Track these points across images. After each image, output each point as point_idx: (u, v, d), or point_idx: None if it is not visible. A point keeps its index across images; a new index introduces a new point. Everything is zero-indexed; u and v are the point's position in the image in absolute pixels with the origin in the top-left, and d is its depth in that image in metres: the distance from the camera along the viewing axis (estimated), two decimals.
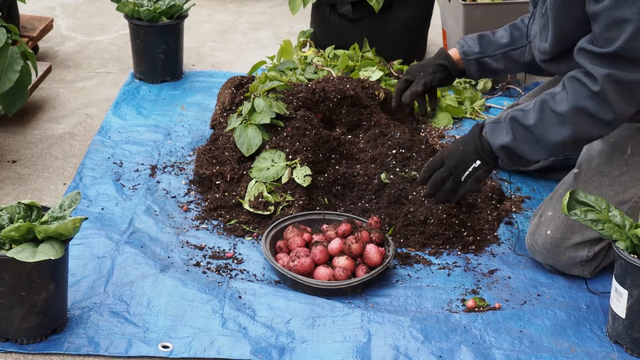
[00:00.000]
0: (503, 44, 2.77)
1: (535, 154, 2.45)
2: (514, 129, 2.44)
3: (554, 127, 2.39)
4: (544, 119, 2.40)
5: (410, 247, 2.67)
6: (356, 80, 3.16)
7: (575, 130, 2.37)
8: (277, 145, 2.84)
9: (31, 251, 2.07)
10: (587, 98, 2.33)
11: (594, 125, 2.36)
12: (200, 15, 4.60)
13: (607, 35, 2.27)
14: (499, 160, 2.50)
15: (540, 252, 2.55)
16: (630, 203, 2.50)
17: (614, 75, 2.28)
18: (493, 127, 2.49)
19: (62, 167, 3.09)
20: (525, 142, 2.43)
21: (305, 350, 2.23)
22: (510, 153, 2.46)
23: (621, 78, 2.28)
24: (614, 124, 2.37)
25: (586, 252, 2.50)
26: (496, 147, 2.47)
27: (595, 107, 2.33)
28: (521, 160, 2.48)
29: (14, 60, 2.96)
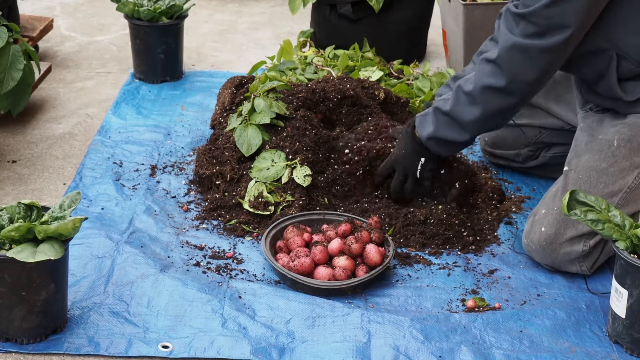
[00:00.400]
0: None
1: (458, 136, 2.58)
2: (436, 117, 2.60)
3: (466, 108, 2.54)
4: (458, 103, 2.55)
5: (410, 247, 2.68)
6: (356, 80, 3.15)
7: (484, 106, 2.51)
8: (277, 145, 2.84)
9: (31, 251, 2.07)
10: (488, 73, 2.49)
11: (496, 96, 2.49)
12: (200, 15, 4.60)
13: (526, 1, 2.41)
14: (433, 151, 2.64)
15: (536, 251, 2.56)
16: (621, 194, 2.51)
17: (514, 42, 2.42)
18: (421, 121, 2.65)
19: (62, 167, 3.09)
20: (446, 127, 2.58)
21: (305, 350, 2.23)
22: (437, 140, 2.61)
23: (518, 43, 2.41)
24: (513, 90, 2.46)
25: (582, 246, 2.51)
26: (424, 139, 2.63)
27: (493, 78, 2.47)
28: (450, 144, 2.61)
29: (17, 59, 2.96)
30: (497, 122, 2.60)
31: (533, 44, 2.40)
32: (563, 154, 2.91)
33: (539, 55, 2.41)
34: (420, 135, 2.64)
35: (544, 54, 2.41)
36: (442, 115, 2.59)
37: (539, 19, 2.38)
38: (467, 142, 2.61)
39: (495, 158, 3.12)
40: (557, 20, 2.37)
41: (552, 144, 3.00)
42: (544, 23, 2.38)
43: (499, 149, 3.08)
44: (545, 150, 3.03)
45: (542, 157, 3.03)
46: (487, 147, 3.11)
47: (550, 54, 2.42)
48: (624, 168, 2.53)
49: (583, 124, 2.68)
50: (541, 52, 2.41)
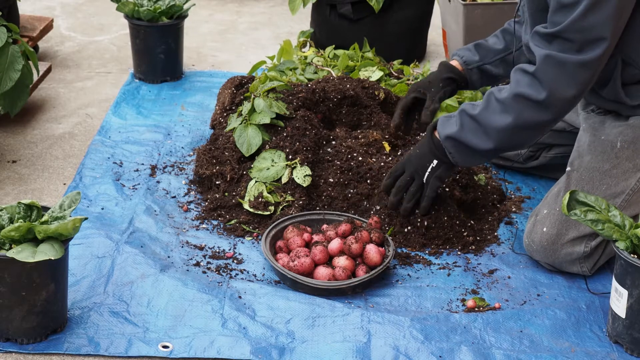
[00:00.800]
0: (499, 50, 2.80)
1: (480, 142, 2.48)
2: (462, 119, 2.51)
3: (497, 115, 2.45)
4: (488, 108, 2.47)
5: (410, 247, 2.68)
6: (356, 80, 3.16)
7: (516, 116, 2.42)
8: (277, 145, 2.84)
9: (31, 251, 2.07)
10: (526, 84, 2.41)
11: (531, 108, 2.41)
12: (200, 15, 4.61)
13: (555, 19, 2.36)
14: (448, 154, 2.54)
15: (537, 251, 2.56)
16: (624, 195, 2.51)
17: (551, 55, 2.36)
18: (444, 121, 2.56)
19: (62, 167, 3.09)
20: (470, 131, 2.49)
21: (305, 350, 2.23)
22: (457, 143, 2.52)
23: (558, 58, 2.35)
24: (550, 105, 2.39)
25: (583, 247, 2.51)
26: (443, 138, 2.53)
27: (530, 89, 2.39)
28: (469, 151, 2.51)
29: (15, 59, 2.96)
30: (523, 137, 2.49)
31: (570, 58, 2.33)
32: (563, 154, 2.91)
33: (576, 70, 2.34)
34: (440, 134, 2.54)
35: (582, 68, 2.34)
36: (468, 118, 2.49)
37: (573, 34, 2.31)
38: (486, 152, 2.49)
39: (496, 158, 3.11)
40: (592, 34, 2.31)
41: (553, 145, 3.00)
42: (579, 37, 2.31)
43: None
44: (545, 151, 3.03)
45: (543, 158, 3.03)
46: None
47: (589, 69, 2.35)
48: (627, 170, 2.53)
49: (585, 125, 2.68)
50: (579, 67, 2.33)
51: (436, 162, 2.58)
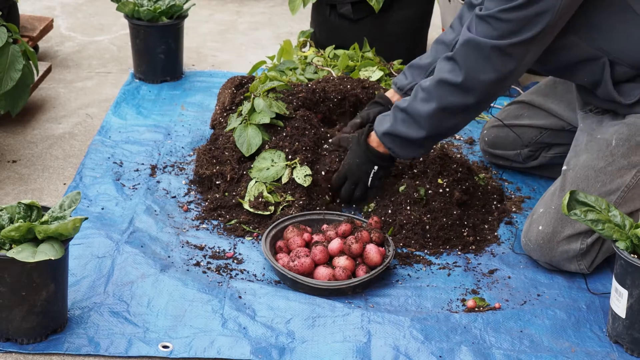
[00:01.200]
0: (428, 64, 2.88)
1: (413, 132, 2.58)
2: (395, 114, 2.62)
3: (422, 103, 2.55)
4: (416, 98, 2.57)
5: (410, 247, 2.68)
6: (356, 80, 3.16)
7: (439, 101, 2.52)
8: (277, 145, 2.84)
9: (31, 251, 2.07)
10: (446, 70, 2.50)
11: (452, 92, 2.50)
12: (200, 15, 4.61)
13: (488, 4, 2.43)
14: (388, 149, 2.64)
15: (534, 249, 2.57)
16: (619, 193, 2.52)
17: (472, 38, 2.44)
18: (380, 120, 2.68)
19: (62, 167, 3.09)
20: (402, 123, 2.59)
21: (305, 350, 2.23)
22: (393, 137, 2.62)
23: (477, 41, 2.43)
24: (469, 88, 2.47)
25: (579, 244, 2.51)
26: (380, 135, 2.65)
27: (450, 73, 2.49)
28: (405, 142, 2.61)
29: (16, 59, 2.96)
30: (452, 121, 2.58)
31: (486, 42, 2.42)
32: (563, 154, 2.91)
33: (492, 54, 2.42)
34: (377, 132, 2.66)
35: (497, 53, 2.41)
36: (399, 112, 2.61)
37: (500, 23, 2.39)
38: (421, 140, 2.59)
39: (495, 158, 3.12)
40: (516, 25, 2.38)
41: (553, 145, 3.00)
42: (503, 26, 2.39)
43: (499, 149, 3.08)
44: (545, 151, 3.03)
45: (543, 158, 3.03)
46: (487, 147, 3.11)
47: (504, 55, 2.42)
48: (622, 167, 2.53)
49: (583, 125, 2.69)
50: (494, 50, 2.41)
51: (377, 167, 2.71)
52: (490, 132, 3.09)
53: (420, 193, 2.73)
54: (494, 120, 3.08)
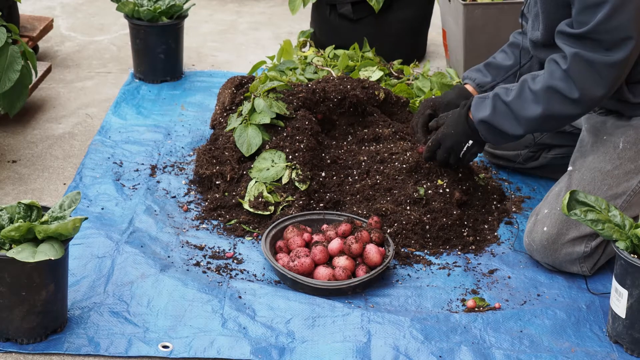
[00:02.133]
0: (509, 66, 2.85)
1: (511, 128, 2.56)
2: (495, 103, 2.57)
3: (528, 104, 2.52)
4: (521, 96, 2.53)
5: (410, 247, 2.68)
6: (356, 80, 3.15)
7: (546, 107, 2.48)
8: (277, 145, 2.84)
9: (31, 251, 2.07)
10: (559, 78, 2.46)
11: (562, 103, 2.47)
12: (200, 15, 4.61)
13: (580, 19, 2.40)
14: (480, 135, 2.62)
15: (537, 250, 2.56)
16: (625, 196, 2.52)
17: (581, 54, 2.40)
18: (478, 103, 2.62)
19: (62, 167, 3.09)
20: (503, 116, 2.56)
21: (305, 350, 2.23)
22: (489, 126, 2.59)
23: (587, 57, 2.40)
24: (581, 103, 2.45)
25: (583, 247, 2.51)
26: (477, 120, 2.61)
27: (563, 86, 2.45)
28: (500, 134, 2.59)
29: (14, 59, 2.96)
30: (552, 125, 2.59)
31: (598, 58, 2.38)
32: (563, 155, 2.91)
33: (605, 70, 2.39)
34: (474, 116, 2.61)
35: (610, 69, 2.39)
36: (501, 103, 2.56)
37: (601, 34, 2.36)
38: (518, 136, 2.59)
39: (495, 158, 3.12)
40: (620, 34, 2.35)
41: (553, 146, 3.00)
42: (607, 38, 2.36)
43: (499, 150, 3.08)
44: (545, 152, 3.03)
45: (543, 158, 3.03)
46: (488, 148, 3.11)
47: (617, 69, 2.39)
48: (629, 171, 2.53)
49: (588, 125, 2.68)
50: (608, 67, 2.38)
51: (471, 142, 2.67)
52: None
53: (420, 193, 2.73)
54: None
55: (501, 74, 2.85)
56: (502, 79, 2.84)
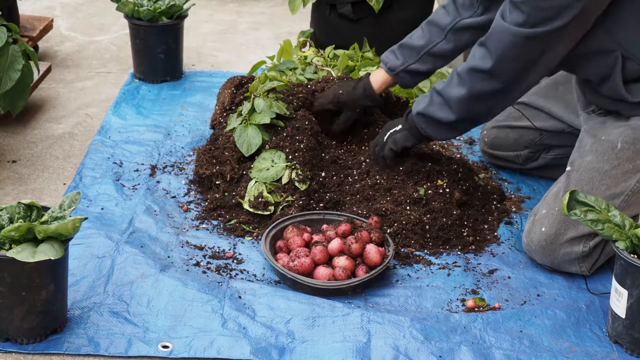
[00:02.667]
0: (422, 45, 2.85)
1: (444, 115, 2.61)
2: (432, 95, 2.65)
3: (455, 88, 2.58)
4: (450, 82, 2.60)
5: (410, 247, 2.68)
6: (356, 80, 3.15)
7: (469, 87, 2.54)
8: (277, 145, 2.84)
9: (31, 251, 2.07)
10: (478, 57, 2.52)
11: (481, 79, 2.51)
12: (200, 15, 4.61)
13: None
14: (419, 128, 2.68)
15: (536, 251, 2.56)
16: (623, 196, 2.51)
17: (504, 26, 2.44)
18: (419, 100, 2.70)
19: (62, 167, 3.09)
20: (436, 105, 2.62)
21: (305, 350, 2.23)
22: (425, 117, 2.65)
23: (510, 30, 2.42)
24: (496, 75, 2.49)
25: (582, 247, 2.51)
26: (415, 114, 2.68)
27: (480, 60, 2.50)
28: (435, 123, 2.64)
29: (15, 59, 2.96)
30: (482, 107, 2.60)
31: (519, 30, 2.41)
32: (563, 155, 2.91)
33: (524, 43, 2.42)
34: (413, 110, 2.69)
35: (529, 41, 2.42)
36: (435, 93, 2.63)
37: (534, 11, 2.39)
38: (451, 123, 2.61)
39: (495, 159, 3.12)
40: (547, 14, 2.37)
41: (552, 146, 3.00)
42: (534, 14, 2.39)
43: (499, 150, 3.08)
44: (545, 152, 3.03)
45: (542, 159, 3.03)
46: (487, 148, 3.11)
47: (537, 44, 2.42)
48: (627, 171, 2.53)
49: (587, 126, 2.68)
50: (526, 39, 2.41)
51: (400, 126, 2.75)
52: (490, 133, 3.09)
53: (420, 193, 2.73)
54: (494, 121, 3.08)
55: (413, 55, 2.85)
56: (415, 60, 2.85)
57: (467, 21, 2.79)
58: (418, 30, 2.88)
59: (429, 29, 2.85)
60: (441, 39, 2.82)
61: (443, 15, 2.83)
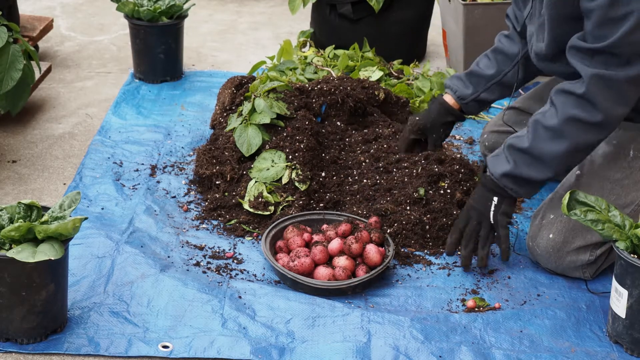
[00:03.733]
0: (492, 75, 2.75)
1: (539, 173, 2.43)
2: (513, 155, 2.45)
3: (549, 143, 2.39)
4: (538, 138, 2.41)
5: (410, 247, 2.67)
6: (356, 80, 3.15)
7: (571, 140, 2.38)
8: (277, 145, 2.84)
9: (31, 251, 2.07)
10: (575, 106, 2.35)
11: (587, 130, 2.36)
12: (200, 15, 4.61)
13: (599, 33, 2.28)
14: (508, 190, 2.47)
15: (542, 256, 2.55)
16: (633, 206, 2.50)
17: (599, 74, 2.30)
18: (493, 160, 2.50)
19: (62, 167, 3.09)
20: (525, 164, 2.43)
21: (305, 350, 2.23)
22: (515, 179, 2.45)
23: (606, 76, 2.29)
24: (606, 125, 2.36)
25: (588, 255, 2.50)
26: (498, 176, 2.47)
27: (583, 112, 2.34)
28: (528, 183, 2.45)
29: (16, 58, 2.96)
30: (578, 158, 2.45)
31: (617, 74, 2.29)
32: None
33: (625, 86, 2.30)
34: (494, 173, 2.47)
35: (630, 84, 2.30)
36: (519, 153, 2.43)
37: (623, 48, 2.26)
38: (546, 180, 2.46)
39: None
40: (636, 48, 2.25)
41: None
42: (628, 51, 2.26)
43: None
44: None
45: None
46: (487, 152, 3.09)
47: (637, 84, 2.31)
48: (638, 180, 2.51)
49: None
50: (628, 82, 2.30)
51: (497, 198, 2.50)
52: (490, 137, 3.07)
53: (420, 193, 2.73)
54: (494, 125, 3.07)
55: (482, 83, 2.76)
56: (485, 89, 2.76)
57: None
58: (484, 59, 2.79)
59: (497, 57, 2.76)
60: (510, 68, 2.72)
61: (509, 43, 2.74)
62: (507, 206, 2.50)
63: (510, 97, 2.79)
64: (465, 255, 2.54)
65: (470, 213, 2.54)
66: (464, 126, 3.43)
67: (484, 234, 2.52)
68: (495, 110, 3.57)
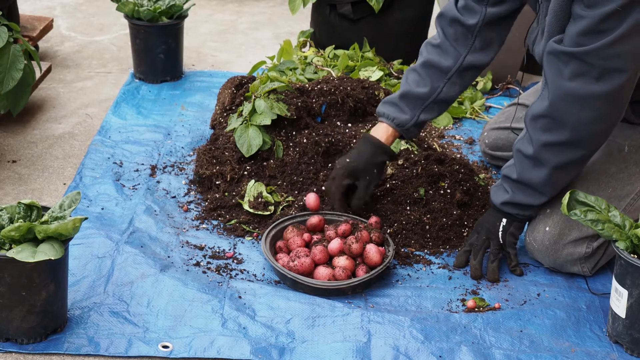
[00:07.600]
0: (426, 94, 2.62)
1: (535, 199, 2.49)
2: (509, 185, 2.51)
3: (533, 171, 2.44)
4: (522, 167, 2.46)
5: (410, 247, 2.68)
6: (356, 80, 3.16)
7: (549, 165, 2.41)
8: None
9: (31, 251, 2.07)
10: (543, 130, 2.37)
11: (561, 152, 2.38)
12: (200, 15, 4.61)
13: (580, 40, 2.25)
14: (515, 215, 2.53)
15: (539, 250, 2.56)
16: (628, 199, 2.51)
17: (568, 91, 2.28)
18: (494, 190, 2.57)
19: (62, 167, 3.09)
20: (520, 192, 2.49)
21: (305, 350, 2.23)
22: (515, 205, 2.51)
23: (576, 92, 2.28)
24: (580, 142, 2.35)
25: (584, 248, 2.51)
26: (499, 205, 2.54)
27: (551, 134, 2.35)
28: (528, 208, 2.51)
29: (17, 58, 2.96)
30: (570, 174, 2.46)
31: (586, 89, 2.26)
32: None
33: (594, 102, 2.27)
34: (495, 202, 2.54)
35: (598, 101, 2.27)
36: (512, 183, 2.49)
37: (597, 59, 2.23)
38: (544, 202, 2.50)
39: (495, 160, 3.11)
40: (614, 63, 2.22)
41: None
42: (600, 64, 2.23)
43: (500, 151, 3.08)
44: None
45: None
46: (488, 150, 3.11)
47: (606, 101, 2.27)
48: (634, 174, 2.52)
49: None
50: (596, 98, 2.27)
51: (505, 220, 2.54)
52: (490, 135, 3.08)
53: (420, 193, 2.73)
54: (494, 123, 3.07)
55: (418, 105, 2.62)
56: (421, 111, 2.62)
57: (470, 59, 2.58)
58: (414, 75, 2.63)
59: (428, 72, 2.62)
60: (444, 82, 2.61)
61: (439, 55, 2.61)
62: (515, 229, 2.56)
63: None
64: (475, 265, 2.56)
65: (480, 229, 2.59)
66: (464, 126, 3.44)
67: (493, 250, 2.57)
68: (495, 110, 3.57)
